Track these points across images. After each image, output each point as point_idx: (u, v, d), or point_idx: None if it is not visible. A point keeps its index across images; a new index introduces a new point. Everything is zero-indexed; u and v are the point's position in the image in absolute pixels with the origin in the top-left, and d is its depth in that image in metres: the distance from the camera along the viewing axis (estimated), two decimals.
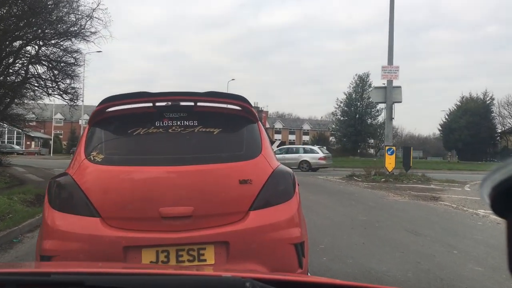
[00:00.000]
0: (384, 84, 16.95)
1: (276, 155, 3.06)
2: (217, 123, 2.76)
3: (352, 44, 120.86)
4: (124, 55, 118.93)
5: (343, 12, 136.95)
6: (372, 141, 47.75)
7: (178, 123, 2.72)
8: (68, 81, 13.30)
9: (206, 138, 2.73)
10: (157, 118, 2.72)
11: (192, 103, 2.79)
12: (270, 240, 2.52)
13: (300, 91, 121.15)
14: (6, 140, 59.78)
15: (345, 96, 45.49)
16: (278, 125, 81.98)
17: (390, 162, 15.27)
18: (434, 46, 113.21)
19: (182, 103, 2.83)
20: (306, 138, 79.79)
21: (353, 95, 45.20)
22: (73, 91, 13.56)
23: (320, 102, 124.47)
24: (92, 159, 2.60)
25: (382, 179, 14.65)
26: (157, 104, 2.75)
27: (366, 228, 6.23)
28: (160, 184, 2.51)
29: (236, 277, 1.10)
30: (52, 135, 58.60)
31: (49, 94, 14.15)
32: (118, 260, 2.39)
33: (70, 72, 13.06)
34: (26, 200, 8.35)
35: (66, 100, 14.10)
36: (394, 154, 15.35)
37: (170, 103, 2.84)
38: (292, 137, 79.72)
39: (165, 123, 2.72)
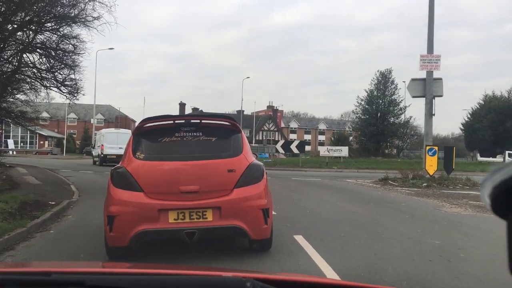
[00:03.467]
0: (418, 77, 14.93)
1: None
2: (214, 134, 4.27)
3: (364, 43, 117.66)
4: (137, 55, 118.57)
5: (355, 11, 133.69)
6: (397, 141, 45.23)
7: (190, 134, 4.23)
8: (65, 71, 11.70)
9: (207, 144, 4.23)
10: (176, 131, 4.24)
11: (198, 121, 4.36)
12: (247, 206, 3.99)
13: (313, 91, 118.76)
14: (19, 140, 59.74)
15: (366, 93, 43.20)
16: (293, 125, 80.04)
17: (431, 164, 13.33)
18: (451, 44, 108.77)
19: (192, 121, 4.35)
20: (322, 138, 77.64)
21: (375, 92, 42.87)
22: (72, 83, 12.00)
23: (333, 102, 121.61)
24: (137, 156, 4.12)
25: (424, 184, 12.74)
26: (176, 121, 4.32)
27: (450, 260, 4.42)
28: (179, 172, 4.01)
29: (237, 277, 1.10)
30: (65, 134, 57.89)
31: (44, 87, 12.60)
32: (153, 217, 3.84)
33: (69, 61, 11.48)
34: (4, 211, 6.81)
35: (64, 94, 12.54)
36: (436, 155, 13.39)
37: (184, 121, 4.36)
38: (307, 137, 77.69)
39: (182, 134, 4.23)
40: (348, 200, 9.51)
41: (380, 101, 42.79)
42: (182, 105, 59.25)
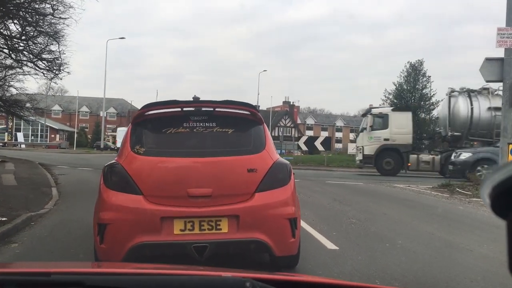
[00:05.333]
0: (493, 56, 11.79)
1: None
2: (231, 125, 3.48)
3: (380, 39, 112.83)
4: (150, 50, 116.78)
5: (370, 6, 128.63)
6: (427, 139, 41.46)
7: (201, 124, 3.45)
8: (40, 39, 8.88)
9: (222, 136, 3.47)
10: (185, 120, 3.47)
11: (212, 109, 3.54)
12: (271, 215, 3.24)
13: (329, 87, 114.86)
14: (30, 133, 58.35)
15: (395, 86, 39.63)
16: (310, 121, 77.44)
17: None
18: (467, 40, 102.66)
19: (204, 109, 3.57)
20: (339, 135, 74.97)
21: (404, 86, 39.32)
22: (51, 56, 9.23)
23: (349, 98, 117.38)
24: (136, 151, 3.35)
25: None
26: (185, 109, 3.54)
27: None
28: (188, 171, 3.28)
29: (236, 277, 1.10)
30: (76, 128, 56.36)
31: (16, 61, 9.82)
32: (155, 227, 3.11)
33: (47, 27, 8.63)
34: None
35: (42, 71, 9.81)
36: None
37: (194, 108, 3.60)
38: (324, 134, 74.75)
39: (191, 124, 3.46)
40: (430, 221, 6.59)
41: (410, 95, 39.23)
42: (195, 99, 56.90)
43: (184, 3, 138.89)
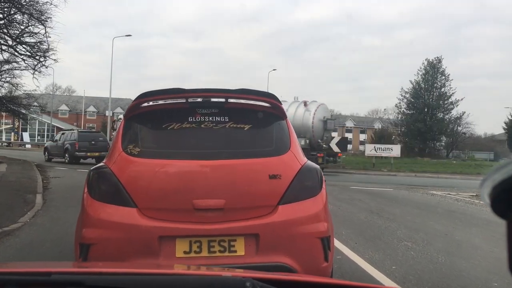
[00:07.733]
0: None
1: None
2: (247, 120, 2.88)
3: (389, 40, 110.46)
4: (160, 51, 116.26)
5: (379, 6, 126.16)
6: (444, 140, 39.70)
7: (210, 118, 2.84)
8: (18, 16, 7.44)
9: (237, 134, 2.85)
10: (190, 113, 2.86)
11: (223, 100, 2.91)
12: (298, 233, 2.63)
13: (337, 88, 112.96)
14: (36, 133, 57.75)
15: (412, 85, 37.88)
16: None
17: None
18: (477, 42, 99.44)
19: (214, 100, 2.93)
20: (349, 135, 74.18)
21: (422, 84, 37.56)
22: (34, 40, 7.82)
23: (358, 99, 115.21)
24: (129, 152, 2.75)
25: None
26: (190, 100, 2.91)
27: None
28: (194, 177, 2.65)
29: (236, 277, 1.10)
30: (82, 128, 55.72)
31: None
32: (153, 249, 2.54)
33: (29, 7, 7.14)
34: None
35: (22, 57, 8.47)
36: None
37: (202, 99, 2.94)
38: (334, 134, 73.45)
39: (198, 119, 2.84)
40: None
41: (428, 94, 37.46)
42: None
43: (193, 4, 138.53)
